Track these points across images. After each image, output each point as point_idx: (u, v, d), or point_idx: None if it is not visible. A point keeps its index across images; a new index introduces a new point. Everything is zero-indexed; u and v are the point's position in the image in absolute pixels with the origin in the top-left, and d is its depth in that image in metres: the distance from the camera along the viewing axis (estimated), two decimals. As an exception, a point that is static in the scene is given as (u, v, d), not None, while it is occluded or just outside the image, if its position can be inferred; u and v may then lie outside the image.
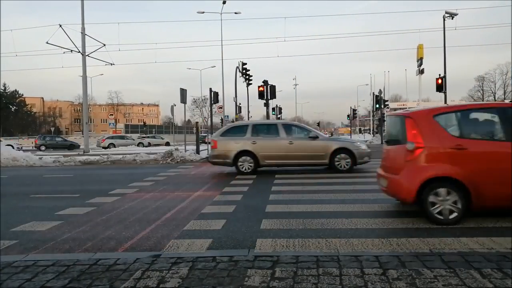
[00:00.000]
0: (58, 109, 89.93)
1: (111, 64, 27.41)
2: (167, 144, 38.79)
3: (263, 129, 11.39)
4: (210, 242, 4.31)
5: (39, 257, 3.84)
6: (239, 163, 10.80)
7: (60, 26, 24.00)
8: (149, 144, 38.34)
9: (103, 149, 31.87)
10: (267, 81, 19.22)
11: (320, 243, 4.14)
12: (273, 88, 19.29)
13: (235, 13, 35.04)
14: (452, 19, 22.65)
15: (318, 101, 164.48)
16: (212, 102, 24.12)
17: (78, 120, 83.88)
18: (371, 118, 70.25)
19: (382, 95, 33.48)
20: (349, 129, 55.45)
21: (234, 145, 10.91)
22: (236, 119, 40.20)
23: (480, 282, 2.85)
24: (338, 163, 10.58)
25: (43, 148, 35.00)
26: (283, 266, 3.25)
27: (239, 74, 35.88)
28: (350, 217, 5.23)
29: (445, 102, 23.18)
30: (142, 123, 67.71)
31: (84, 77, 24.63)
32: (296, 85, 67.63)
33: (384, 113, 34.58)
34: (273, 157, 10.87)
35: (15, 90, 72.81)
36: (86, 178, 11.72)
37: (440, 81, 21.67)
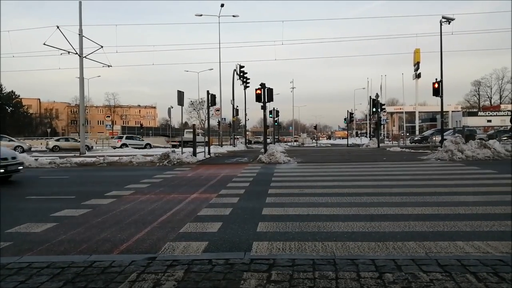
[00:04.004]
0: (55, 111, 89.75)
1: (108, 66, 27.34)
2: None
3: None
4: (206, 244, 4.29)
5: (34, 259, 3.82)
6: None
7: (58, 27, 23.96)
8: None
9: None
10: (264, 84, 19.22)
11: (317, 246, 4.14)
12: (270, 91, 19.29)
13: (233, 16, 35.26)
14: (449, 24, 22.77)
15: (316, 105, 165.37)
16: (210, 104, 24.15)
17: (75, 122, 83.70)
18: (368, 121, 70.47)
19: (379, 99, 33.60)
20: (346, 132, 55.56)
21: None
22: (233, 122, 40.23)
23: (476, 286, 2.86)
24: None
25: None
26: (279, 269, 3.25)
27: (236, 77, 36.00)
28: (346, 221, 5.23)
29: (441, 106, 23.28)
30: (139, 125, 67.60)
31: (81, 78, 24.56)
32: (293, 88, 67.74)
33: (381, 117, 34.72)
34: None
35: (12, 91, 72.57)
36: (82, 179, 11.66)
37: (436, 85, 21.73)
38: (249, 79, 36.81)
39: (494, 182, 8.74)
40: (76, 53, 24.55)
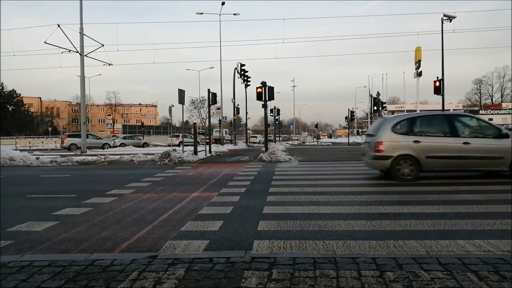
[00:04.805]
0: (56, 109, 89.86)
1: (109, 64, 27.35)
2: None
3: None
4: (207, 243, 4.30)
5: (35, 257, 3.82)
6: None
7: (59, 26, 23.94)
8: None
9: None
10: (265, 82, 19.21)
11: (317, 244, 4.14)
12: (271, 89, 19.27)
13: (234, 14, 35.10)
14: (450, 22, 22.73)
15: (316, 103, 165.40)
16: (210, 103, 24.11)
17: (76, 120, 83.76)
18: (369, 120, 70.37)
19: (380, 97, 33.53)
20: (347, 131, 55.53)
21: None
22: (234, 120, 40.26)
23: (477, 285, 2.85)
24: None
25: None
26: (280, 268, 3.25)
27: (237, 75, 35.95)
28: (347, 219, 5.23)
29: (443, 105, 23.25)
30: (140, 124, 67.64)
31: (82, 77, 24.56)
32: (294, 86, 67.74)
33: (382, 116, 34.66)
34: None
35: (13, 90, 72.57)
36: (83, 178, 11.68)
37: (438, 83, 21.71)
38: (250, 77, 36.77)
39: (495, 180, 8.72)
40: (77, 52, 24.55)
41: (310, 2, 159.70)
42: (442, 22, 22.57)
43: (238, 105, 38.72)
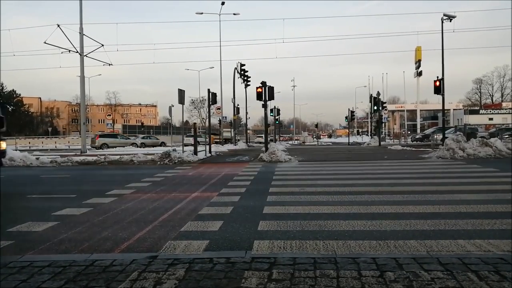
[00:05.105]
0: (56, 109, 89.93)
1: (109, 64, 27.37)
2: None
3: None
4: (207, 243, 4.29)
5: (35, 258, 3.83)
6: None
7: (58, 26, 23.94)
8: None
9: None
10: (265, 82, 19.19)
11: (318, 244, 4.14)
12: (271, 89, 19.25)
13: (234, 14, 35.09)
14: (450, 21, 22.71)
15: (316, 103, 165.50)
16: (210, 103, 24.10)
17: (76, 121, 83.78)
18: (369, 120, 70.42)
19: (380, 97, 33.53)
20: (347, 130, 55.54)
21: None
22: (234, 120, 40.24)
23: (477, 285, 2.85)
24: None
25: None
26: (280, 268, 3.24)
27: (237, 75, 35.95)
28: (347, 219, 5.23)
29: (443, 104, 23.23)
30: (140, 124, 67.63)
31: (82, 77, 24.54)
32: (294, 86, 67.71)
33: (382, 115, 34.67)
34: None
35: (13, 90, 72.62)
36: (83, 178, 11.68)
37: (438, 83, 21.68)
38: (250, 77, 36.77)
39: (496, 180, 8.72)
40: (77, 52, 24.54)
41: (310, 2, 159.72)
42: (442, 22, 22.54)
43: (238, 105, 38.73)
